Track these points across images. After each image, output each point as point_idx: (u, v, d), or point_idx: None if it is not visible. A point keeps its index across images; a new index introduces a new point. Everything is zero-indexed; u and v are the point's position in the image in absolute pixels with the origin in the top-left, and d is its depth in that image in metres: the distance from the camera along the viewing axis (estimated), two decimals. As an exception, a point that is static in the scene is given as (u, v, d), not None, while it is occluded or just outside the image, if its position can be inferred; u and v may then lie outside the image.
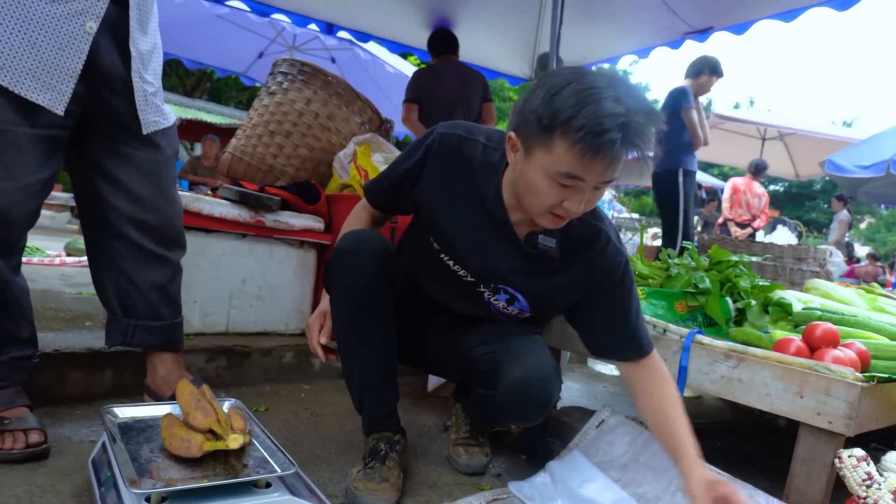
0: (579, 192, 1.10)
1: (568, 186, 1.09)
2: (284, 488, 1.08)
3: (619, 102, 1.02)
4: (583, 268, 1.30)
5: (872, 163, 6.66)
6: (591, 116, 1.00)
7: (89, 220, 1.45)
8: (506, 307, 1.40)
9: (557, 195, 1.11)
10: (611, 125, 1.00)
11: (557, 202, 1.12)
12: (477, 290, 1.38)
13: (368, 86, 5.86)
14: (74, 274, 3.31)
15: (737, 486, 1.28)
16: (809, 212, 23.80)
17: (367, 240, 1.32)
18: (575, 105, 1.02)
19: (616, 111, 1.01)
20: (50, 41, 1.19)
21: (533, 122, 1.08)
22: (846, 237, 9.51)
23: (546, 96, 1.06)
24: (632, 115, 1.02)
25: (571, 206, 1.11)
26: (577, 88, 1.03)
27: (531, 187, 1.13)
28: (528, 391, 1.29)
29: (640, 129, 1.03)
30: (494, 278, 1.35)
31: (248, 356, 2.02)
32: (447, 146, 1.28)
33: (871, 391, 1.22)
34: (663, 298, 1.78)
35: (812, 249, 3.06)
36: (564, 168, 1.06)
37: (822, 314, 1.63)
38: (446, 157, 1.28)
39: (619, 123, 1.00)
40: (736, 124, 8.82)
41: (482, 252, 1.31)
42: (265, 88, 2.66)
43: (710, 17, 3.61)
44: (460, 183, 1.28)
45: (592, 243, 1.29)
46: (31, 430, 1.29)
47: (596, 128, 1.00)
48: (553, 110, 1.04)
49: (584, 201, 1.12)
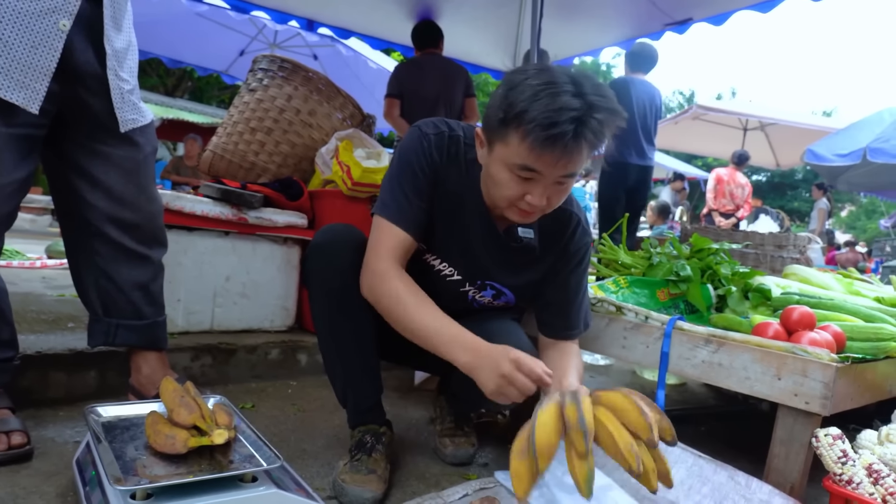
0: (539, 185, 1.12)
1: (527, 179, 1.12)
2: (271, 482, 1.09)
3: (577, 97, 1.04)
4: (558, 251, 1.38)
5: (849, 151, 6.77)
6: (542, 110, 1.03)
7: (68, 220, 1.44)
8: (491, 302, 1.43)
9: (518, 188, 1.13)
10: (562, 119, 1.02)
11: (519, 195, 1.14)
12: (461, 289, 1.40)
13: (351, 82, 5.84)
14: (56, 276, 3.28)
15: (716, 467, 1.30)
16: (791, 201, 24.07)
17: (343, 234, 1.33)
18: (529, 99, 1.05)
19: (570, 105, 1.03)
20: (22, 39, 1.17)
21: (492, 117, 1.11)
22: (826, 225, 9.64)
23: (504, 91, 1.09)
24: (588, 110, 1.04)
25: (533, 200, 1.13)
26: (533, 83, 1.06)
27: (494, 180, 1.16)
28: None
29: (596, 125, 1.05)
30: (481, 275, 1.37)
31: (233, 354, 2.01)
32: (440, 145, 1.28)
33: (845, 371, 1.25)
34: (645, 287, 1.80)
35: (792, 237, 3.09)
36: (519, 160, 1.09)
37: (800, 298, 1.65)
38: (440, 156, 1.28)
39: (570, 117, 1.03)
40: (718, 115, 8.89)
41: (469, 250, 1.34)
42: (245, 85, 2.65)
43: (689, 8, 3.64)
44: (448, 181, 1.29)
45: (565, 227, 1.37)
46: (13, 432, 1.28)
47: (545, 121, 1.03)
48: (508, 104, 1.07)
49: (546, 195, 1.13)
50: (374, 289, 1.22)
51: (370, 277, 1.23)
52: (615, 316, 1.63)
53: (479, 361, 1.09)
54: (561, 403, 0.93)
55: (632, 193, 4.07)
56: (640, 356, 1.57)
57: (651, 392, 2.52)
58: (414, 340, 1.19)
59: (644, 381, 2.74)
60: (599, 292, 1.74)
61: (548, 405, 0.93)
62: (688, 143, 10.60)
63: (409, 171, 1.26)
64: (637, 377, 2.82)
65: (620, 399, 0.95)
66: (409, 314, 1.18)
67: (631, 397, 0.93)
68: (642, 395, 0.95)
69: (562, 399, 0.95)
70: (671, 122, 8.94)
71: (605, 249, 2.05)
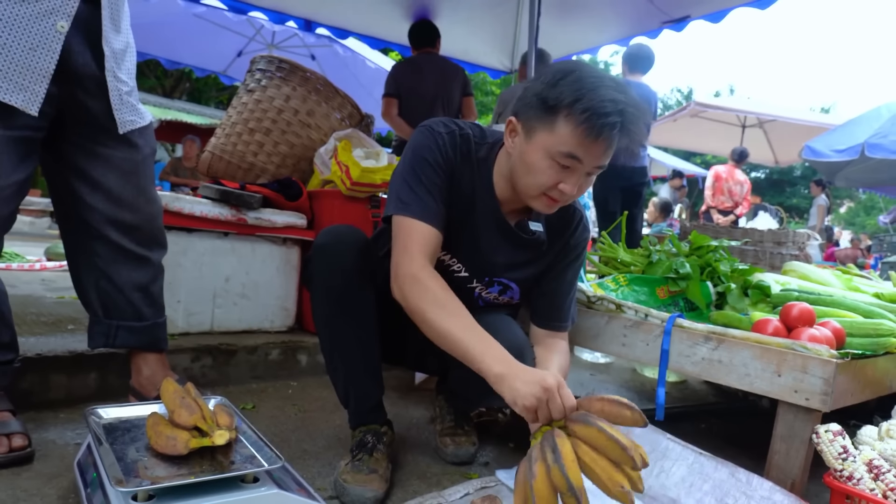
0: (575, 174, 1.16)
1: (566, 167, 1.15)
2: (272, 482, 1.09)
3: (619, 92, 1.11)
4: (561, 247, 1.42)
5: (847, 147, 6.76)
6: (595, 100, 1.09)
7: (68, 222, 1.44)
8: (497, 297, 1.45)
9: (555, 176, 1.16)
10: (612, 109, 1.08)
11: (554, 183, 1.17)
12: (468, 285, 1.40)
13: (349, 82, 5.84)
14: (55, 278, 3.27)
15: (717, 464, 1.31)
16: (791, 197, 24.09)
17: (345, 234, 1.33)
18: (580, 89, 1.10)
19: (617, 98, 1.09)
20: (21, 41, 1.17)
21: (536, 105, 1.15)
22: (826, 221, 9.65)
23: (552, 80, 1.13)
24: (628, 104, 1.10)
25: (567, 188, 1.17)
26: (580, 75, 1.12)
27: (531, 168, 1.18)
28: None
29: (636, 118, 1.12)
30: (490, 271, 1.39)
31: (233, 354, 2.01)
32: (454, 143, 1.29)
33: (845, 368, 1.25)
34: (645, 284, 1.80)
35: (791, 233, 3.10)
36: (566, 148, 1.13)
37: (800, 294, 1.66)
38: (453, 153, 1.30)
39: (619, 109, 1.09)
40: (716, 112, 8.90)
41: (479, 247, 1.36)
42: (244, 86, 2.64)
43: (686, 6, 3.64)
44: (460, 179, 1.31)
45: (570, 221, 1.41)
46: (14, 435, 1.28)
47: (600, 110, 1.08)
48: (558, 92, 1.11)
49: (578, 184, 1.18)
50: (409, 293, 1.17)
51: (404, 281, 1.18)
52: (615, 314, 1.63)
53: (513, 372, 1.06)
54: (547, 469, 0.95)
55: (628, 193, 4.07)
56: (640, 354, 1.57)
57: (651, 390, 2.53)
58: (441, 345, 1.16)
59: (644, 379, 2.75)
60: (599, 290, 1.74)
61: (539, 473, 0.95)
62: (687, 140, 10.62)
63: (427, 168, 1.24)
64: (637, 375, 2.82)
65: (596, 436, 0.97)
66: (442, 320, 1.14)
67: (604, 433, 0.96)
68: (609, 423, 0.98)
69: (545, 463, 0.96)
70: (670, 120, 8.94)
71: (605, 248, 2.05)
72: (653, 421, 1.49)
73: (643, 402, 2.31)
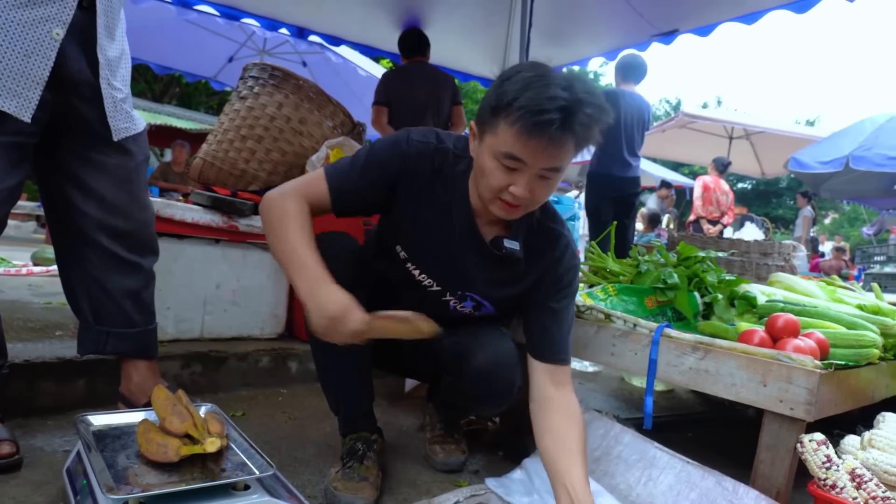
0: (523, 176, 1.13)
1: (512, 169, 1.13)
2: (263, 490, 1.09)
3: (567, 90, 1.06)
4: (543, 270, 1.35)
5: (832, 158, 6.88)
6: (532, 98, 1.06)
7: (59, 228, 1.43)
8: (472, 312, 1.43)
9: (503, 178, 1.14)
10: (549, 107, 1.04)
11: (503, 186, 1.15)
12: (442, 298, 1.40)
13: (341, 89, 5.84)
14: (42, 284, 3.24)
15: (704, 472, 1.32)
16: (776, 208, 24.36)
17: (337, 240, 1.34)
18: (520, 89, 1.07)
19: (558, 95, 1.05)
20: (15, 48, 1.18)
21: (485, 108, 1.14)
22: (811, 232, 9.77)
23: (499, 81, 1.13)
24: (577, 103, 1.06)
25: (517, 191, 1.14)
26: (526, 76, 1.09)
27: (482, 171, 1.17)
28: (492, 376, 1.35)
29: (584, 118, 1.07)
30: (462, 286, 1.37)
31: (223, 361, 2.01)
32: (422, 155, 1.28)
33: (829, 378, 1.28)
34: (633, 294, 1.82)
35: (777, 245, 3.14)
36: (505, 148, 1.11)
37: (785, 306, 1.68)
38: (420, 166, 1.29)
39: (558, 106, 1.05)
40: (704, 124, 9.01)
41: (452, 261, 1.34)
42: (236, 93, 2.64)
43: (675, 20, 3.69)
44: (432, 192, 1.29)
45: (553, 247, 1.35)
46: (1, 442, 1.27)
47: (534, 107, 1.05)
48: (500, 93, 1.10)
49: (529, 187, 1.14)
50: (271, 201, 1.23)
51: (269, 199, 1.24)
52: (604, 323, 1.65)
53: (312, 296, 1.11)
54: None
55: (619, 203, 4.11)
56: (628, 363, 1.58)
57: (639, 399, 2.55)
58: (276, 257, 1.22)
59: (632, 388, 2.77)
60: (588, 300, 1.76)
61: None
62: (675, 151, 10.72)
63: (372, 161, 1.28)
64: (625, 384, 2.84)
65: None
66: (286, 233, 1.19)
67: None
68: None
69: None
70: (658, 130, 9.03)
71: (594, 257, 2.07)
72: (640, 430, 1.51)
73: (631, 410, 2.33)
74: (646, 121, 4.17)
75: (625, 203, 4.13)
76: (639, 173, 4.19)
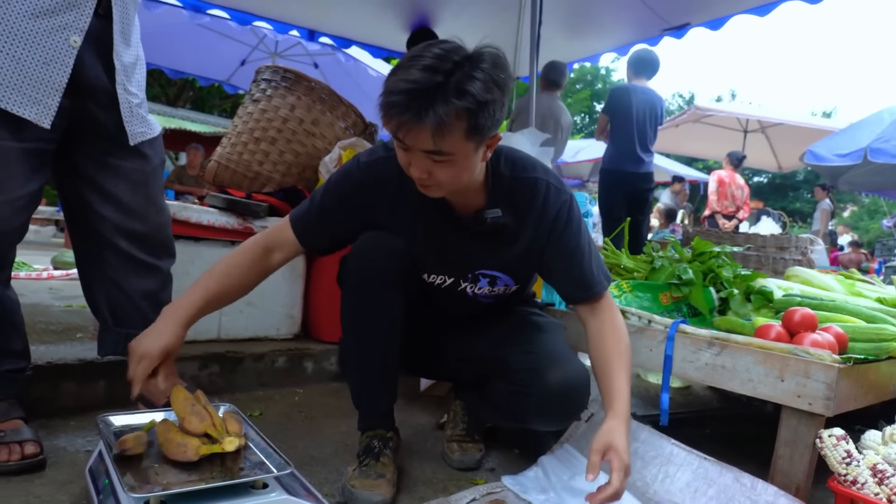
0: (411, 155, 1.14)
1: (404, 149, 1.14)
2: (281, 488, 1.10)
3: (430, 73, 1.04)
4: (536, 221, 1.33)
5: (850, 151, 6.76)
6: (389, 82, 1.07)
7: (79, 231, 1.46)
8: (490, 290, 1.43)
9: (403, 158, 1.17)
10: (397, 89, 1.05)
11: (406, 165, 1.17)
12: (458, 289, 1.42)
13: (352, 90, 5.84)
14: (62, 287, 3.29)
15: (722, 469, 1.32)
16: (793, 202, 24.06)
17: (384, 240, 1.34)
18: (391, 73, 1.09)
19: (413, 78, 1.04)
20: (34, 56, 1.20)
21: None
22: (829, 225, 9.64)
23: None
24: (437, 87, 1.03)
25: (413, 171, 1.16)
26: (402, 60, 1.10)
27: None
28: (566, 396, 1.37)
29: (440, 104, 1.03)
30: (466, 268, 1.39)
31: (240, 362, 2.03)
32: (377, 171, 1.31)
33: (848, 372, 1.26)
34: (648, 291, 1.82)
35: (794, 238, 3.11)
36: (387, 129, 1.13)
37: (802, 300, 1.67)
38: (379, 182, 1.31)
39: (406, 89, 1.04)
40: (718, 117, 8.91)
41: (444, 251, 1.36)
42: (249, 96, 2.67)
43: (686, 13, 3.67)
44: (402, 196, 1.31)
45: (534, 195, 1.33)
46: (26, 442, 1.30)
47: (385, 90, 1.07)
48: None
49: (421, 168, 1.13)
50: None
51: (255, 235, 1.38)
52: (619, 320, 1.64)
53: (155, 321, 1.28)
54: None
55: (633, 199, 4.08)
56: (644, 360, 1.58)
57: (655, 395, 2.53)
58: None
59: (648, 384, 2.75)
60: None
61: None
62: (688, 145, 10.62)
63: (329, 195, 1.35)
64: (641, 380, 2.83)
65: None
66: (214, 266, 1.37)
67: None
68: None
69: None
70: (671, 125, 8.95)
71: (608, 254, 2.06)
72: (657, 426, 1.50)
73: (647, 407, 2.32)
74: (658, 116, 4.14)
75: (638, 199, 4.10)
76: (652, 169, 4.16)
